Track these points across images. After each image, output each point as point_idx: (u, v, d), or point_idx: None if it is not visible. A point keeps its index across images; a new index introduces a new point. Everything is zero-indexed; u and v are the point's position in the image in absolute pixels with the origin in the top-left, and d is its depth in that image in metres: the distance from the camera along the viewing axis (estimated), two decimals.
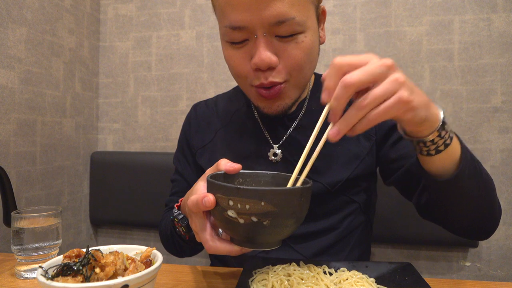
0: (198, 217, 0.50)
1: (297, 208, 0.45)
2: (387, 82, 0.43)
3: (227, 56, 0.66)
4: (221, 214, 0.46)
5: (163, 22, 1.56)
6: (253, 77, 0.64)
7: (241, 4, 0.58)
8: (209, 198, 0.46)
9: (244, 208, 0.43)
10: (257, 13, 0.57)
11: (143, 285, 0.43)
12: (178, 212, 0.66)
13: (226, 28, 0.61)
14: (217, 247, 0.49)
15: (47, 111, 1.28)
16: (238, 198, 0.43)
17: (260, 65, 0.60)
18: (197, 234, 0.52)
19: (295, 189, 0.44)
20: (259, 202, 0.42)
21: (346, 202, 0.74)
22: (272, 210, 0.42)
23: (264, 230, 0.44)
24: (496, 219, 0.64)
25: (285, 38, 0.60)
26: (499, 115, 1.30)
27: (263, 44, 0.59)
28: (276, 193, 0.43)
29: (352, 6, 1.40)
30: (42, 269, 0.44)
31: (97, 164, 1.52)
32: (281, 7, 0.57)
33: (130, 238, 1.59)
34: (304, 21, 0.60)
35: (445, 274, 1.36)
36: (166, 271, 0.65)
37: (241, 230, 0.45)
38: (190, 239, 0.66)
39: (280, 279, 0.51)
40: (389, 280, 0.54)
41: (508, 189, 1.29)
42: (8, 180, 0.73)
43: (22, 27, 1.17)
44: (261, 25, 0.58)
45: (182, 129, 0.89)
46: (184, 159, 0.86)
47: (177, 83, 1.55)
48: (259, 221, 0.43)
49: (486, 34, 1.31)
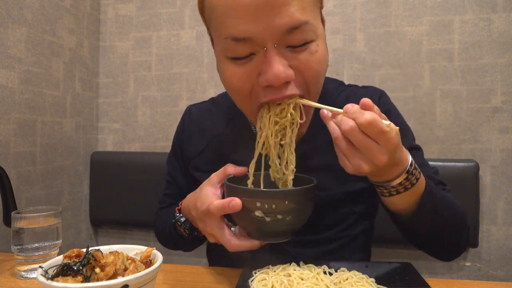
0: (215, 221, 0.55)
1: (311, 202, 0.55)
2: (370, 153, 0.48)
3: (228, 75, 0.56)
4: (246, 215, 0.52)
5: (163, 22, 1.56)
6: (261, 94, 0.55)
7: (246, 11, 0.49)
8: (237, 202, 0.51)
9: (270, 208, 0.50)
10: (266, 21, 0.49)
11: (143, 285, 0.43)
12: (180, 215, 0.68)
13: (227, 40, 0.52)
14: (239, 245, 0.55)
15: (47, 111, 1.28)
16: (265, 199, 0.50)
17: (274, 82, 0.52)
18: (214, 237, 0.57)
19: (311, 187, 0.54)
20: (283, 202, 0.50)
21: (347, 214, 0.73)
22: (294, 207, 0.51)
23: (286, 224, 0.52)
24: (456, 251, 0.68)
25: (297, 48, 0.53)
26: (499, 115, 1.30)
27: (276, 56, 0.51)
28: (298, 192, 0.52)
29: (352, 6, 1.40)
30: (42, 269, 0.44)
31: (97, 164, 1.52)
32: (293, 11, 0.50)
33: (130, 238, 1.59)
34: (315, 27, 0.54)
35: (445, 274, 1.36)
36: (166, 271, 0.65)
37: (265, 226, 0.53)
38: (192, 239, 0.69)
39: (280, 279, 0.51)
40: (389, 280, 0.54)
41: (508, 189, 1.29)
42: (8, 180, 0.73)
43: (22, 27, 1.17)
44: (271, 35, 0.50)
45: (176, 133, 0.87)
46: (176, 162, 0.85)
47: (177, 83, 1.55)
48: (283, 217, 0.51)
49: (486, 34, 1.30)
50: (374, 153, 0.47)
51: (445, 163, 1.25)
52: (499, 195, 1.30)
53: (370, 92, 0.76)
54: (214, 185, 0.59)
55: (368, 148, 0.47)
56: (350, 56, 1.41)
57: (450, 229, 0.63)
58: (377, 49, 1.39)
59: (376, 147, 0.47)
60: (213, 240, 0.58)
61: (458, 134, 1.33)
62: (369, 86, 0.78)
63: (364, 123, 0.46)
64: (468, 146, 1.32)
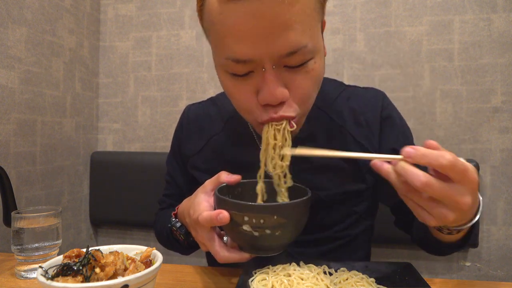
0: (205, 231, 0.54)
1: (303, 216, 0.52)
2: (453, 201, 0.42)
3: (229, 87, 0.58)
4: (235, 228, 0.50)
5: (163, 22, 1.56)
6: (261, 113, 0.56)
7: (247, 37, 0.49)
8: (224, 215, 0.49)
9: (258, 223, 0.48)
10: (265, 46, 0.49)
11: (143, 285, 0.43)
12: (176, 220, 0.68)
13: (227, 60, 0.53)
14: (228, 257, 0.53)
15: (47, 111, 1.28)
16: (253, 214, 0.48)
17: (270, 101, 0.53)
18: (205, 246, 0.56)
19: (302, 201, 0.50)
20: (272, 217, 0.48)
21: (347, 214, 0.72)
22: (283, 222, 0.48)
23: (275, 239, 0.50)
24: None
25: (295, 68, 0.54)
26: (499, 115, 1.30)
27: (273, 78, 0.52)
28: (287, 207, 0.49)
29: (352, 6, 1.40)
30: (42, 269, 0.44)
31: (97, 164, 1.52)
32: (293, 36, 0.50)
33: (130, 238, 1.59)
34: (314, 45, 0.53)
35: (445, 274, 1.36)
36: (166, 271, 0.65)
37: (254, 241, 0.50)
38: (188, 244, 0.69)
39: (280, 279, 0.51)
40: (389, 280, 0.54)
41: (508, 189, 1.29)
42: (8, 180, 0.73)
43: (22, 27, 1.17)
44: (270, 58, 0.51)
45: (175, 133, 0.87)
46: (175, 163, 0.85)
47: (177, 83, 1.55)
48: (272, 232, 0.49)
49: (486, 34, 1.30)
50: (458, 199, 0.42)
51: None
52: (499, 195, 1.30)
53: (371, 94, 0.75)
54: (207, 193, 0.58)
55: (451, 195, 0.42)
56: (350, 56, 1.41)
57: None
58: (377, 49, 1.39)
59: (459, 191, 0.42)
60: (205, 249, 0.58)
61: (458, 134, 1.33)
62: (369, 88, 0.77)
63: (448, 164, 0.41)
64: (468, 146, 1.32)
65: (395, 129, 0.72)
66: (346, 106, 0.73)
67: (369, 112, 0.72)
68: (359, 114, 0.72)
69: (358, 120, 0.71)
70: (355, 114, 0.72)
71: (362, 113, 0.72)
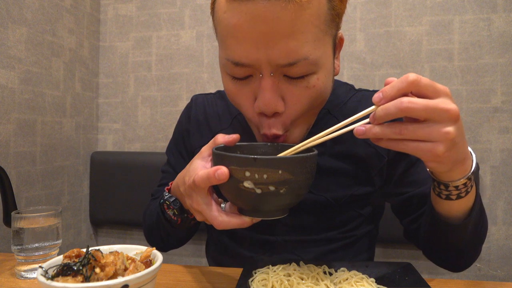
0: (202, 194, 0.49)
1: (310, 174, 0.47)
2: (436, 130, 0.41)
3: (229, 89, 0.57)
4: (235, 186, 0.45)
5: (163, 22, 1.56)
6: (258, 121, 0.56)
7: (247, 39, 0.49)
8: (223, 171, 0.45)
9: (261, 178, 0.43)
10: (264, 51, 0.49)
11: (143, 285, 0.43)
12: (169, 195, 0.63)
13: (227, 61, 0.53)
14: (227, 222, 0.48)
15: (47, 111, 1.28)
16: (256, 168, 0.43)
17: (264, 110, 0.52)
18: (201, 213, 0.50)
19: (309, 156, 0.46)
20: (277, 171, 0.43)
21: (352, 217, 0.72)
22: (289, 178, 0.44)
23: (280, 198, 0.45)
24: (472, 262, 0.66)
25: (294, 80, 0.52)
26: (499, 115, 1.30)
27: (269, 86, 0.51)
28: (293, 160, 0.44)
29: (352, 6, 1.40)
30: (42, 269, 0.44)
31: (97, 164, 1.52)
32: (293, 46, 0.48)
33: (130, 238, 1.59)
34: (318, 59, 0.51)
35: (445, 274, 1.36)
36: (166, 271, 0.65)
37: (256, 200, 0.45)
38: (181, 223, 0.64)
39: (280, 279, 0.51)
40: (389, 280, 0.54)
41: (508, 189, 1.29)
42: (8, 180, 0.73)
43: (22, 27, 1.17)
44: (269, 65, 0.50)
45: (180, 121, 0.85)
46: (177, 152, 0.83)
47: (177, 83, 1.55)
48: (276, 190, 0.44)
49: (486, 34, 1.30)
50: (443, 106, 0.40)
51: None
52: (499, 195, 1.30)
53: None
54: (204, 158, 0.54)
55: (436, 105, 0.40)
56: (350, 56, 1.41)
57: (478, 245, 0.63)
58: (377, 49, 1.39)
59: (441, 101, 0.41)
60: (201, 218, 0.53)
61: None
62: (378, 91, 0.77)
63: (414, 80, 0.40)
64: (468, 146, 1.32)
65: None
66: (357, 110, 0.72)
67: None
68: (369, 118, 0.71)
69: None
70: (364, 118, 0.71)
71: None
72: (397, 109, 0.40)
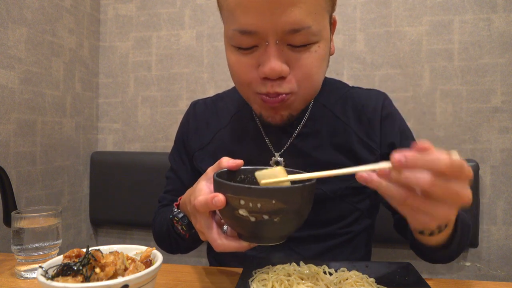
0: (204, 217, 0.51)
1: (304, 204, 0.47)
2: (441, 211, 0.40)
3: (232, 62, 0.61)
4: (231, 213, 0.47)
5: (163, 22, 1.56)
6: (259, 85, 0.60)
7: (254, 7, 0.53)
8: (220, 198, 0.46)
9: (255, 207, 0.44)
10: (271, 18, 0.53)
11: (143, 285, 0.43)
12: (178, 211, 0.66)
13: (234, 31, 0.57)
14: (226, 245, 0.50)
15: (47, 111, 1.28)
16: (250, 197, 0.44)
17: (270, 74, 0.56)
18: (203, 234, 0.53)
19: (303, 186, 0.46)
20: (270, 201, 0.44)
21: (349, 210, 0.73)
22: (282, 207, 0.44)
23: (274, 227, 0.46)
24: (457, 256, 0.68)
25: (297, 48, 0.56)
26: (499, 115, 1.30)
27: (275, 52, 0.55)
28: (287, 191, 0.45)
29: (352, 6, 1.40)
30: (42, 269, 0.44)
31: (97, 164, 1.52)
32: (298, 14, 0.53)
33: (130, 238, 1.59)
34: (319, 30, 0.56)
35: (445, 274, 1.36)
36: (166, 271, 0.65)
37: (251, 227, 0.47)
38: (189, 236, 0.66)
39: (280, 279, 0.51)
40: (389, 280, 0.54)
41: (508, 189, 1.29)
42: (8, 180, 0.73)
43: (22, 27, 1.17)
44: (274, 32, 0.54)
45: (180, 127, 0.87)
46: (179, 158, 0.84)
47: (177, 83, 1.55)
48: (270, 219, 0.45)
49: (486, 34, 1.30)
50: (460, 192, 0.39)
51: None
52: (499, 195, 1.30)
53: (373, 94, 0.77)
54: (209, 179, 0.55)
55: (454, 192, 0.39)
56: (350, 56, 1.41)
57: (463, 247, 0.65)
58: (377, 49, 1.39)
59: (460, 185, 0.39)
60: (203, 238, 0.55)
61: (458, 134, 1.33)
62: (372, 89, 0.79)
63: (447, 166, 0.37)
64: (468, 146, 1.32)
65: (394, 126, 0.74)
66: (350, 105, 0.75)
67: (371, 111, 0.74)
68: (362, 113, 0.74)
69: (361, 119, 0.73)
70: (358, 113, 0.74)
71: (364, 112, 0.74)
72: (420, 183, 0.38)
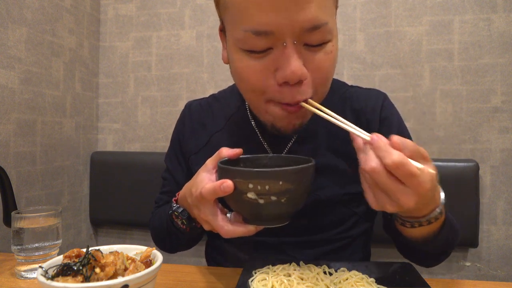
0: (209, 206, 0.52)
1: (308, 183, 0.51)
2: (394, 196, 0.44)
3: (242, 68, 0.55)
4: (239, 197, 0.49)
5: (163, 22, 1.56)
6: (276, 92, 0.55)
7: (269, 3, 0.48)
8: (229, 184, 0.48)
9: (264, 189, 0.47)
10: (288, 16, 0.49)
11: (143, 285, 0.43)
12: (177, 206, 0.66)
13: (246, 33, 0.51)
14: (233, 231, 0.52)
15: (47, 111, 1.28)
16: (258, 180, 0.47)
17: (290, 78, 0.51)
18: (208, 223, 0.54)
19: (307, 166, 0.49)
20: (277, 182, 0.47)
21: (347, 215, 0.72)
22: (289, 188, 0.48)
23: (281, 207, 0.49)
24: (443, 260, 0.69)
25: (314, 47, 0.53)
26: (499, 115, 1.30)
27: (294, 53, 0.51)
28: (293, 172, 0.48)
29: (352, 6, 1.40)
30: (42, 269, 0.44)
31: (97, 164, 1.52)
32: (315, 10, 0.49)
33: (130, 238, 1.59)
34: (333, 27, 0.54)
35: (445, 274, 1.36)
36: (166, 271, 0.65)
37: (260, 209, 0.49)
38: (190, 230, 0.66)
39: (280, 279, 0.51)
40: (389, 280, 0.54)
41: (508, 189, 1.29)
42: (8, 180, 0.73)
43: (22, 27, 1.17)
44: (292, 31, 0.50)
45: (176, 129, 0.86)
46: (175, 159, 0.84)
47: (177, 83, 1.55)
48: (277, 199, 0.48)
49: (486, 34, 1.30)
50: (399, 196, 0.43)
51: (445, 163, 1.25)
52: (499, 195, 1.30)
53: (373, 94, 0.76)
54: (209, 171, 0.56)
55: (392, 190, 0.43)
56: (350, 56, 1.41)
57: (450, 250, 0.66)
58: (377, 49, 1.39)
59: (403, 190, 0.43)
60: (208, 228, 0.55)
61: (458, 134, 1.33)
62: (371, 89, 0.78)
63: (391, 164, 0.42)
64: (468, 146, 1.32)
65: (392, 129, 0.73)
66: (348, 105, 0.74)
67: (369, 112, 0.73)
68: (360, 113, 0.73)
69: (359, 119, 0.72)
70: (356, 113, 0.73)
71: (363, 113, 0.73)
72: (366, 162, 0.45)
